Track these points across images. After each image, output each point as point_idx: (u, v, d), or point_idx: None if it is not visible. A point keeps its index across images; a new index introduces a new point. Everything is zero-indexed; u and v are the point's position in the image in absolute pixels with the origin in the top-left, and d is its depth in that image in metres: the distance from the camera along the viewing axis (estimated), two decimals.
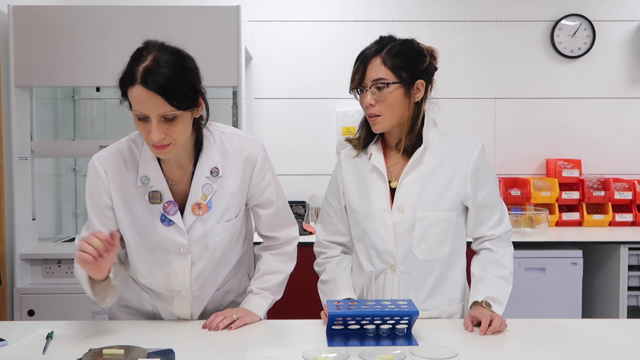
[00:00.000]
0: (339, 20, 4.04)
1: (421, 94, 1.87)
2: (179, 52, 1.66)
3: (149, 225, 1.77)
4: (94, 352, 1.46)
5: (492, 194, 1.92)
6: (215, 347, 1.66)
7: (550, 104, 4.09)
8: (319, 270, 2.07)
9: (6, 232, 3.15)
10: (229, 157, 1.82)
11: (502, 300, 1.86)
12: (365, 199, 1.92)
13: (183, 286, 1.83)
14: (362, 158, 1.96)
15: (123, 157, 1.78)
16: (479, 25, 4.06)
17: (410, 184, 1.88)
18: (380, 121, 1.86)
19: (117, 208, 1.78)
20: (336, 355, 1.55)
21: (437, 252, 1.89)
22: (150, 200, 1.75)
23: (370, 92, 1.83)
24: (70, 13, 3.26)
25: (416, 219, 1.86)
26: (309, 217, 3.91)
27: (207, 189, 1.77)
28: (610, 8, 4.05)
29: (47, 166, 3.71)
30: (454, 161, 1.90)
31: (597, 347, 1.66)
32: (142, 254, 1.81)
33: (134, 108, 1.61)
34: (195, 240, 1.79)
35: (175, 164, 1.78)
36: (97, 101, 3.94)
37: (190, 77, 1.64)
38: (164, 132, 1.61)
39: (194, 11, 3.31)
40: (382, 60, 1.82)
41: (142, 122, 1.62)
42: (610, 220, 3.82)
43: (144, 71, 1.57)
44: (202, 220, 1.78)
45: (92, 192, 1.79)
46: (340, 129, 3.99)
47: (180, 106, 1.60)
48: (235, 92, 3.32)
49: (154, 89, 1.56)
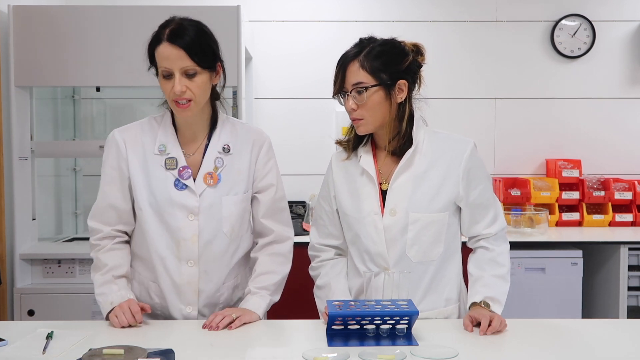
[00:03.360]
0: (339, 21, 4.04)
1: (404, 94, 1.85)
2: (201, 22, 1.90)
3: (164, 190, 1.89)
4: (94, 352, 1.46)
5: (485, 192, 1.91)
6: (215, 347, 1.66)
7: (550, 103, 4.09)
8: (314, 275, 2.06)
9: (6, 232, 3.15)
10: (239, 139, 1.97)
11: (501, 300, 1.86)
12: (356, 202, 1.91)
13: (191, 253, 1.90)
14: (353, 161, 1.95)
15: (143, 130, 1.95)
16: (479, 26, 4.06)
17: (402, 186, 1.87)
18: (363, 124, 1.85)
19: (133, 175, 1.91)
20: (336, 355, 1.55)
21: (431, 253, 1.88)
22: (166, 166, 1.90)
23: (352, 96, 1.82)
24: (70, 13, 3.26)
25: (409, 221, 1.85)
26: (309, 217, 3.91)
27: (218, 162, 1.93)
28: (611, 8, 4.05)
29: (47, 166, 3.71)
30: (445, 161, 1.88)
31: (597, 347, 1.66)
32: (154, 221, 1.90)
33: (159, 65, 1.81)
34: (205, 208, 1.90)
35: (190, 137, 1.94)
36: (97, 101, 3.94)
37: (209, 40, 1.87)
38: (186, 85, 1.80)
39: (194, 11, 3.26)
40: (360, 64, 1.80)
41: (166, 80, 1.82)
42: (610, 220, 3.82)
43: (171, 32, 1.81)
44: (212, 189, 1.91)
45: (111, 160, 1.93)
46: (340, 129, 3.98)
47: (200, 63, 1.81)
48: (235, 92, 3.32)
49: (179, 44, 1.79)
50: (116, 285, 1.88)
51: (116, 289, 1.87)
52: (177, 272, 1.91)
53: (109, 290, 1.87)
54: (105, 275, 1.89)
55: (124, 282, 1.91)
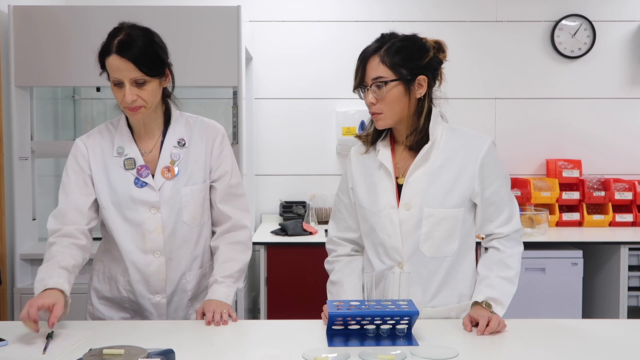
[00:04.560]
0: (339, 21, 4.04)
1: (423, 90, 1.86)
2: (149, 29, 1.95)
3: (125, 190, 1.97)
4: (94, 352, 1.47)
5: (500, 191, 1.90)
6: (215, 347, 1.66)
7: (550, 104, 4.09)
8: (329, 269, 2.07)
9: (6, 232, 3.15)
10: (194, 132, 2.06)
11: (504, 301, 1.85)
12: (373, 195, 1.92)
13: (157, 244, 1.99)
14: (371, 154, 1.97)
15: (101, 134, 2.04)
16: (479, 26, 4.06)
17: (417, 181, 1.88)
18: (382, 118, 1.86)
19: (95, 177, 2.00)
20: (336, 355, 1.55)
21: (445, 249, 1.88)
22: (125, 167, 1.99)
23: (371, 90, 1.84)
24: (70, 13, 3.26)
25: (423, 216, 1.86)
26: (309, 217, 3.91)
27: (175, 156, 2.01)
28: (611, 8, 4.05)
29: (47, 166, 3.71)
30: (461, 157, 1.88)
31: (597, 347, 1.66)
32: (118, 220, 1.99)
33: (110, 75, 1.88)
34: (165, 200, 1.99)
35: (146, 135, 2.02)
36: (97, 101, 3.95)
37: (158, 49, 1.92)
38: (136, 94, 1.88)
39: (194, 11, 3.31)
40: (380, 59, 1.82)
41: (118, 88, 1.89)
42: (611, 220, 3.82)
43: (119, 43, 1.85)
44: (171, 182, 2.00)
45: (73, 164, 2.01)
46: (341, 129, 3.99)
47: (149, 73, 1.88)
48: (236, 92, 3.32)
49: (127, 57, 1.84)
50: (56, 272, 1.82)
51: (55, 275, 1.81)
52: (144, 264, 1.99)
53: (48, 275, 1.81)
54: (49, 263, 1.86)
55: (65, 273, 1.84)
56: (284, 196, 4.09)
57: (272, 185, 4.10)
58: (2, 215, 3.12)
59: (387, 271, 1.88)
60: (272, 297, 3.39)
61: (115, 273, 2.04)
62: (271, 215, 4.08)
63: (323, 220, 3.92)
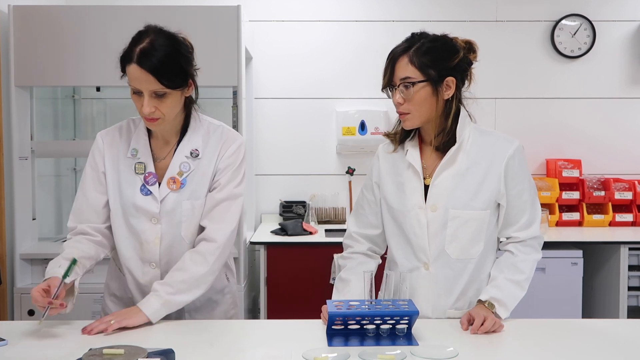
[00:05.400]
0: (339, 20, 4.03)
1: (451, 91, 1.86)
2: (174, 37, 1.85)
3: (130, 194, 1.93)
4: (94, 352, 1.47)
5: (522, 195, 1.89)
6: (215, 347, 1.66)
7: (550, 104, 4.09)
8: (342, 264, 2.05)
9: (6, 232, 3.15)
10: (210, 142, 1.97)
11: (508, 304, 1.85)
12: (401, 195, 1.92)
13: (153, 255, 1.94)
14: (399, 153, 1.96)
15: (121, 132, 1.99)
16: (479, 26, 4.06)
17: (443, 182, 1.87)
18: (409, 119, 1.86)
19: (108, 175, 1.96)
20: (336, 355, 1.55)
21: (470, 251, 1.88)
22: (136, 170, 1.94)
23: (399, 90, 1.83)
24: (70, 13, 3.26)
25: (448, 217, 1.86)
26: (309, 217, 3.91)
27: (184, 167, 1.94)
28: (611, 8, 4.05)
29: (47, 166, 3.71)
30: (488, 160, 1.88)
31: (597, 347, 1.66)
32: (121, 222, 1.95)
33: (129, 82, 1.81)
34: (166, 212, 1.93)
35: (162, 141, 1.96)
36: (97, 101, 3.95)
37: (181, 60, 1.83)
38: (155, 106, 1.81)
39: (194, 11, 3.31)
40: (409, 59, 1.81)
41: (137, 96, 1.82)
42: (611, 220, 3.82)
43: (140, 52, 1.77)
44: (175, 194, 1.93)
45: (91, 160, 1.98)
46: (341, 129, 3.98)
47: (170, 85, 1.80)
48: (236, 92, 3.32)
49: (147, 68, 1.76)
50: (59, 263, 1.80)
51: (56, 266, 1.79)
52: (140, 273, 1.96)
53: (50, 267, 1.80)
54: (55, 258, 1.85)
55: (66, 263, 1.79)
56: (284, 196, 4.09)
57: (272, 185, 4.10)
58: (2, 215, 3.12)
59: (413, 271, 1.88)
60: (272, 297, 3.39)
61: (121, 270, 2.01)
62: (271, 215, 4.08)
63: (323, 220, 3.93)
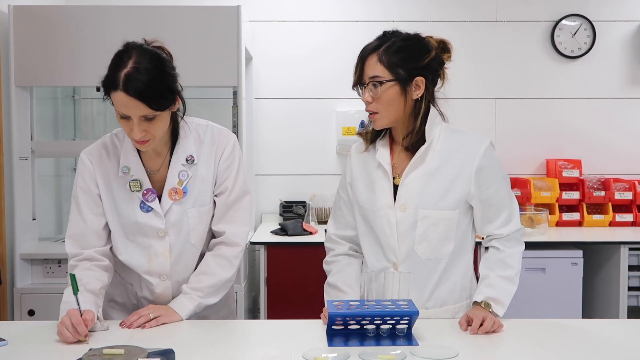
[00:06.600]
0: (339, 21, 4.04)
1: (421, 91, 1.85)
2: (158, 55, 1.77)
3: (129, 213, 1.89)
4: (94, 352, 1.47)
5: (499, 192, 1.89)
6: (215, 347, 1.66)
7: (550, 104, 4.09)
8: (327, 270, 2.05)
9: (6, 232, 3.15)
10: (203, 146, 1.94)
11: (504, 301, 1.85)
12: (371, 195, 1.92)
13: (163, 268, 1.92)
14: (370, 153, 1.96)
15: (106, 150, 1.93)
16: (479, 26, 4.06)
17: (412, 182, 1.87)
18: (378, 118, 1.85)
19: (103, 197, 1.90)
20: (336, 355, 1.55)
21: (440, 250, 1.88)
22: (131, 188, 1.88)
23: (368, 89, 1.83)
24: (70, 13, 3.26)
25: (418, 217, 1.85)
26: (309, 217, 3.91)
27: (183, 175, 1.90)
28: (611, 8, 4.05)
29: (47, 166, 3.71)
30: (458, 159, 1.87)
31: (597, 347, 1.66)
32: (123, 240, 1.92)
33: (116, 107, 1.75)
34: (172, 224, 1.90)
35: (153, 154, 1.90)
36: (97, 101, 3.94)
37: (168, 80, 1.77)
38: (145, 129, 1.75)
39: (194, 11, 3.31)
40: (378, 58, 1.81)
41: (125, 120, 1.76)
42: (611, 220, 3.82)
43: (125, 78, 1.69)
44: (178, 204, 1.90)
45: (82, 182, 1.91)
46: (341, 129, 3.99)
47: (159, 108, 1.74)
48: (236, 92, 3.32)
49: (134, 95, 1.69)
50: (82, 296, 1.75)
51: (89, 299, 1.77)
52: (150, 285, 1.94)
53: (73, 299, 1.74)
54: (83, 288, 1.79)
55: (91, 297, 1.79)
56: (284, 196, 4.09)
57: (272, 185, 4.10)
58: (2, 215, 3.12)
59: (385, 271, 1.88)
60: (272, 297, 3.39)
61: (127, 280, 1.99)
62: (271, 215, 4.08)
63: (323, 220, 3.92)
